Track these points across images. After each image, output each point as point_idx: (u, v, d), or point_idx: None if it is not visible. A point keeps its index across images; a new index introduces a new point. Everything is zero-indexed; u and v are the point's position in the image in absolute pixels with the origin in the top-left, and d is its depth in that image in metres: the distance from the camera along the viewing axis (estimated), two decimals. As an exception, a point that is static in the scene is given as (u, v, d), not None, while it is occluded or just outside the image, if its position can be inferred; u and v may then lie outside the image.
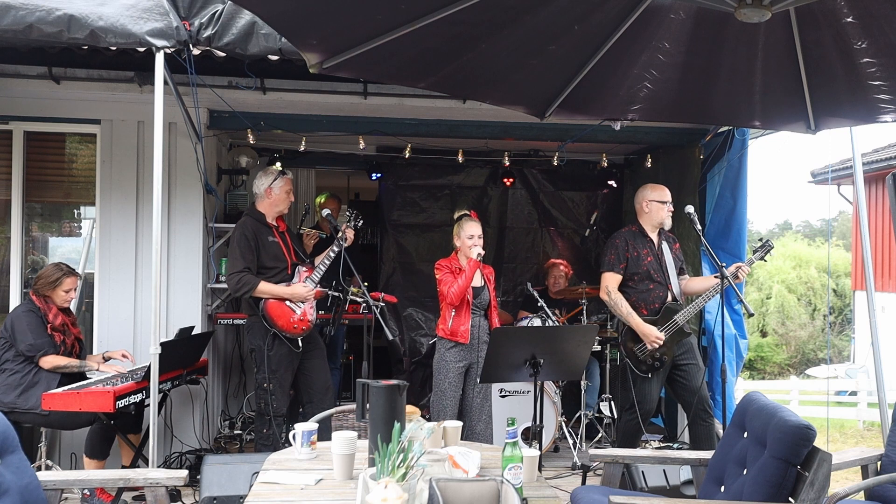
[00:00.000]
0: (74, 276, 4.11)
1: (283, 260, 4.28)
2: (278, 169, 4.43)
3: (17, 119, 4.78)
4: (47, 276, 4.05)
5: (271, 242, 4.27)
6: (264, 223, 4.31)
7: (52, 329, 3.99)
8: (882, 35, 2.35)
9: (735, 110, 3.24)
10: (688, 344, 4.31)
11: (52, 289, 4.03)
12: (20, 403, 3.82)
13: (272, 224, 4.34)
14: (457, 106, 4.85)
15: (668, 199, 4.34)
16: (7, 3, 3.34)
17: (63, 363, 3.96)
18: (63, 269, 4.08)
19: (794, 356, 18.66)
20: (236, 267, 4.13)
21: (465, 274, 4.22)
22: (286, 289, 4.21)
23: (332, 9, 2.27)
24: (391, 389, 2.25)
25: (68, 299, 4.11)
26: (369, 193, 7.92)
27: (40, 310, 3.99)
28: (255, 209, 4.35)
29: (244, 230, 4.21)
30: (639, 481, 3.76)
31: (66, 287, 4.06)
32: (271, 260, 4.24)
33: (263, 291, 4.14)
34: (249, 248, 4.16)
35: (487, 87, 2.97)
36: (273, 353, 4.18)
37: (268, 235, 4.27)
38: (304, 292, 4.24)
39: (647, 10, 2.36)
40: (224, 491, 3.48)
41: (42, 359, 3.91)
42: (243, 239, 4.17)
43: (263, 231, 4.27)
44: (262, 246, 4.22)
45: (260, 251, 4.20)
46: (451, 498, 1.81)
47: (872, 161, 11.35)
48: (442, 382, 4.31)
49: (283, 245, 4.33)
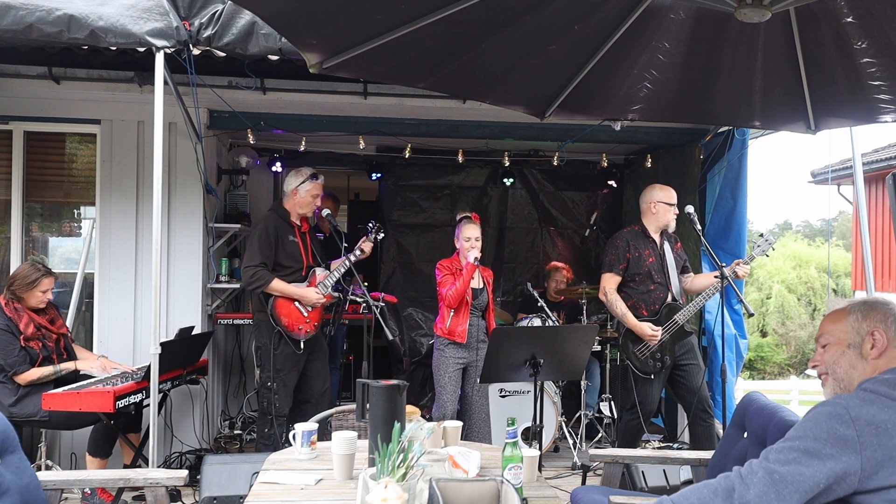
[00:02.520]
0: (52, 276, 3.97)
1: (299, 261, 4.32)
2: (310, 171, 4.39)
3: (17, 119, 4.78)
4: (24, 276, 3.87)
5: (291, 242, 4.31)
6: (287, 221, 4.35)
7: (26, 340, 3.82)
8: (882, 35, 2.35)
9: (735, 110, 3.24)
10: (688, 344, 4.31)
11: (28, 290, 3.87)
12: (16, 412, 3.75)
13: (295, 223, 4.37)
14: (457, 106, 4.85)
15: (675, 201, 4.33)
16: (7, 3, 3.34)
17: (36, 377, 3.81)
18: (40, 269, 3.92)
19: (794, 356, 18.66)
20: (253, 261, 4.16)
21: (463, 278, 4.27)
22: (298, 290, 4.24)
23: (332, 9, 2.27)
24: (391, 389, 2.25)
25: (44, 300, 3.94)
26: (369, 193, 7.91)
27: (12, 320, 3.81)
28: (281, 206, 4.40)
29: (266, 225, 4.26)
30: (639, 481, 3.76)
31: (44, 288, 3.90)
32: (288, 259, 4.27)
33: (275, 289, 4.17)
34: (269, 243, 4.20)
35: (487, 87, 2.96)
36: (279, 353, 4.20)
37: (289, 234, 4.31)
38: (315, 297, 4.26)
39: (647, 10, 2.36)
40: (224, 491, 3.48)
41: (17, 377, 3.77)
42: (264, 234, 4.22)
43: (285, 229, 4.31)
44: (282, 244, 4.26)
45: (278, 249, 4.24)
46: (451, 498, 1.81)
47: (872, 161, 11.34)
48: (441, 378, 4.35)
49: (302, 246, 4.37)
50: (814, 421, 1.60)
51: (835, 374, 1.80)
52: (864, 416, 1.56)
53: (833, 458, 1.53)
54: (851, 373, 1.77)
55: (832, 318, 1.86)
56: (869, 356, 1.75)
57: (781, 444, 1.61)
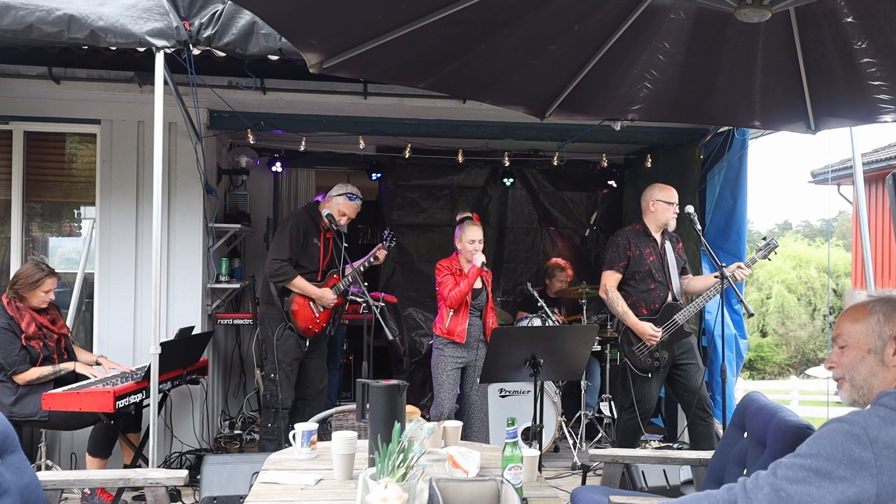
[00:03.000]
0: (55, 276, 4.00)
1: (315, 264, 4.43)
2: (352, 190, 4.52)
3: (17, 119, 4.78)
4: (27, 275, 3.91)
5: (314, 245, 4.43)
6: (317, 224, 4.44)
7: (27, 339, 3.85)
8: (882, 35, 2.35)
9: (735, 110, 3.24)
10: (688, 344, 4.31)
11: (31, 289, 3.90)
12: (16, 412, 3.75)
13: (323, 227, 4.46)
14: (457, 106, 4.86)
15: (674, 200, 4.33)
16: (7, 3, 3.34)
17: (35, 376, 3.83)
18: (44, 269, 3.95)
19: (794, 356, 18.65)
20: (282, 255, 4.28)
21: (467, 280, 4.28)
22: (317, 289, 4.37)
23: (331, 9, 2.27)
24: (391, 389, 2.25)
25: (47, 300, 3.97)
26: (369, 193, 7.87)
27: (14, 319, 3.85)
28: (316, 207, 4.50)
29: (298, 222, 4.38)
30: (639, 481, 3.76)
31: (47, 288, 3.93)
32: (306, 260, 4.39)
33: (296, 286, 4.31)
34: (298, 241, 4.33)
35: (487, 87, 2.96)
36: (281, 342, 4.31)
37: (314, 237, 4.43)
38: (332, 297, 4.41)
39: (646, 10, 2.36)
40: (224, 491, 3.48)
41: (16, 377, 3.79)
42: (296, 230, 4.34)
43: (312, 231, 4.43)
44: (306, 245, 4.37)
45: (302, 248, 4.35)
46: (451, 498, 1.81)
47: (872, 161, 11.34)
48: (440, 376, 4.36)
49: (323, 251, 4.47)
50: (828, 438, 1.48)
51: (853, 379, 1.68)
52: (882, 439, 1.44)
53: (846, 482, 1.42)
54: (871, 380, 1.65)
55: (852, 315, 1.70)
56: (891, 363, 1.62)
57: (792, 460, 1.50)
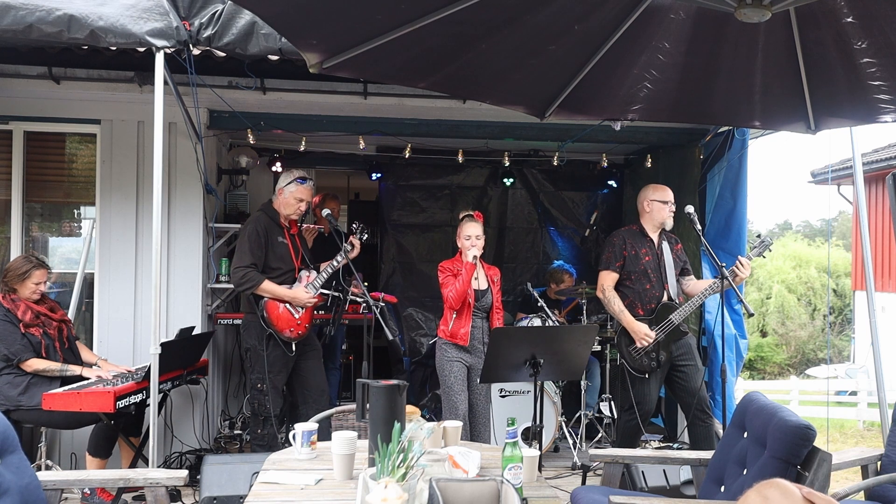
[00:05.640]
0: (44, 268, 4.02)
1: (289, 262, 4.27)
2: (298, 174, 4.29)
3: (17, 119, 4.78)
4: (16, 268, 3.95)
5: (280, 243, 4.25)
6: (277, 222, 4.28)
7: (27, 327, 3.88)
8: (882, 35, 2.35)
9: (735, 110, 3.24)
10: (686, 345, 4.30)
11: (20, 281, 3.93)
12: (25, 401, 3.79)
13: (284, 224, 4.31)
14: (457, 106, 4.85)
15: (669, 199, 4.33)
16: (7, 3, 3.34)
17: (43, 367, 3.86)
18: (32, 260, 3.98)
19: (794, 356, 18.66)
20: (243, 262, 4.10)
21: (462, 277, 4.17)
22: (288, 291, 4.19)
23: (331, 9, 2.27)
24: (391, 389, 2.25)
25: (38, 291, 3.99)
26: (369, 193, 7.91)
27: (10, 311, 3.88)
28: (270, 206, 4.34)
29: (256, 225, 4.19)
30: (639, 481, 3.76)
31: (36, 279, 3.95)
32: (277, 261, 4.22)
33: (266, 290, 4.12)
34: (259, 244, 4.14)
35: (487, 87, 2.97)
36: (269, 354, 4.15)
37: (278, 235, 4.25)
38: (306, 298, 4.22)
39: (646, 11, 2.36)
40: (224, 491, 3.48)
41: (23, 364, 3.83)
42: (254, 234, 4.15)
43: (275, 230, 4.25)
44: (271, 245, 4.20)
45: (268, 250, 4.18)
46: (451, 498, 1.81)
47: (872, 161, 11.36)
48: (447, 378, 4.24)
49: (292, 248, 4.31)
50: None
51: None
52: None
53: None
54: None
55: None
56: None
57: None
